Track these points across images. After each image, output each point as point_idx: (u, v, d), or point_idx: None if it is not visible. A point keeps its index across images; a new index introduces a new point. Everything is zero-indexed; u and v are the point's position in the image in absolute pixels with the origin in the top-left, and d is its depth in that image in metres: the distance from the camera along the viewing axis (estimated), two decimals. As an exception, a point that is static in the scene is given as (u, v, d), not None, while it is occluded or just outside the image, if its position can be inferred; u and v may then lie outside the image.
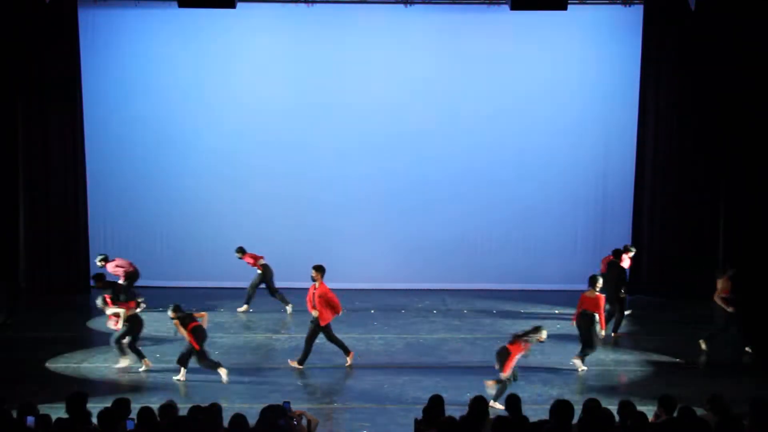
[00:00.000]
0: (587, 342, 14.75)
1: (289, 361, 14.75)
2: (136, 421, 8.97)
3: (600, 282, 14.97)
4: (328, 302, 14.72)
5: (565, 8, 18.03)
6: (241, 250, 18.60)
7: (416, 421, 9.64)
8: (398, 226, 20.41)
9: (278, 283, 19.16)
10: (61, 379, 13.96)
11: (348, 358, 14.88)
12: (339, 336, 15.18)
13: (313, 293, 14.73)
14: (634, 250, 18.05)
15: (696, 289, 18.76)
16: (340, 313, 15.03)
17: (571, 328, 17.19)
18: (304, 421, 9.67)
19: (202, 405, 9.38)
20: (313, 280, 14.85)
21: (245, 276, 19.70)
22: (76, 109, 19.68)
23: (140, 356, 14.56)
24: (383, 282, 20.23)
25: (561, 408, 8.74)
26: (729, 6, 18.32)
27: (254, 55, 20.31)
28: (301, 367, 14.58)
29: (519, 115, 20.30)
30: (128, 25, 20.06)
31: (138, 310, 15.79)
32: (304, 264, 20.14)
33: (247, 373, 14.37)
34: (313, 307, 14.68)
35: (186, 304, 15.58)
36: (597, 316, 14.90)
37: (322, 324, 14.70)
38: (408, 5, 19.81)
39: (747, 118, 18.48)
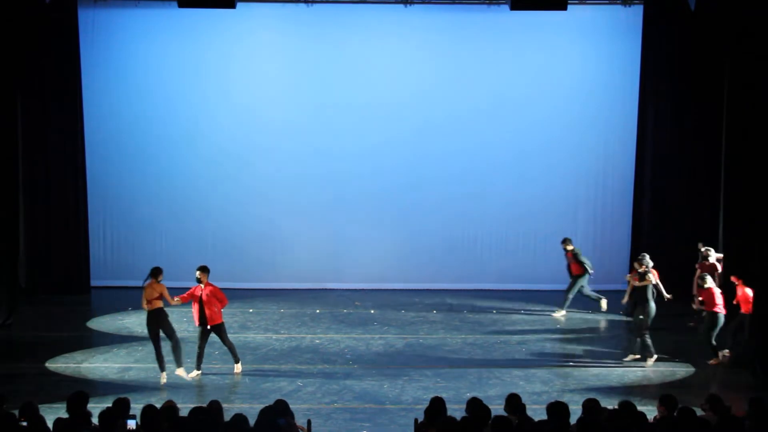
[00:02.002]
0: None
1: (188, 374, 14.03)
2: (138, 421, 8.96)
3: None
4: (219, 300, 14.14)
5: (565, 8, 18.06)
6: None
7: (416, 422, 9.63)
8: (398, 226, 20.42)
9: (276, 285, 19.24)
10: (61, 379, 13.95)
11: (237, 366, 14.41)
12: (337, 336, 15.13)
13: (200, 294, 14.06)
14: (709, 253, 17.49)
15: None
16: (226, 303, 14.39)
17: (572, 327, 17.23)
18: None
19: (203, 405, 9.38)
20: (199, 281, 14.09)
21: (245, 276, 19.76)
22: (76, 109, 19.68)
23: None
24: (383, 282, 20.23)
25: (557, 408, 8.76)
26: (729, 6, 18.31)
27: (254, 55, 20.32)
28: (199, 372, 14.19)
29: (519, 115, 20.32)
30: (128, 25, 20.07)
31: None
32: (304, 264, 20.34)
33: (247, 373, 14.37)
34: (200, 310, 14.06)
35: (186, 304, 15.57)
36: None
37: (218, 322, 14.18)
38: (408, 5, 19.82)
39: (747, 119, 18.45)
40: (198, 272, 14.22)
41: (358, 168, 20.36)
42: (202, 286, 14.16)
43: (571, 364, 15.01)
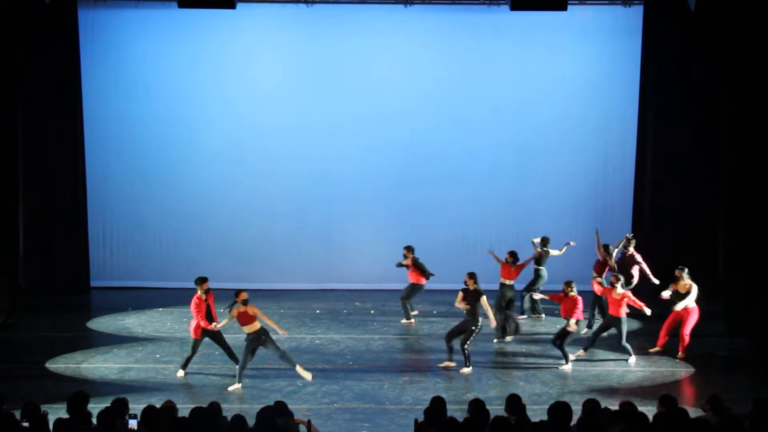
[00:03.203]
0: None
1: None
2: (139, 419, 8.96)
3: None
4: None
5: (565, 8, 18.07)
6: None
7: (416, 422, 9.62)
8: (398, 226, 20.40)
9: (276, 285, 19.25)
10: (61, 379, 13.94)
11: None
12: (337, 336, 15.20)
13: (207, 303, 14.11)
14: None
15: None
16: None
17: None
18: (303, 430, 9.65)
19: (203, 405, 9.38)
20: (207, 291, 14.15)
21: (245, 276, 19.74)
22: (76, 109, 19.68)
23: None
24: (383, 282, 20.22)
25: (559, 409, 8.75)
26: (729, 6, 18.33)
27: (254, 56, 20.32)
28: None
29: (519, 116, 20.33)
30: (128, 25, 20.07)
31: None
32: (304, 264, 20.33)
33: (247, 373, 14.35)
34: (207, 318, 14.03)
35: (186, 305, 15.58)
36: None
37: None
38: (408, 5, 19.83)
39: (747, 118, 18.48)
40: (206, 284, 14.13)
41: (357, 168, 20.37)
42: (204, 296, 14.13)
43: (571, 364, 15.00)
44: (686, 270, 15.44)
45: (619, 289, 15.16)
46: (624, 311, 15.11)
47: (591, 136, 20.34)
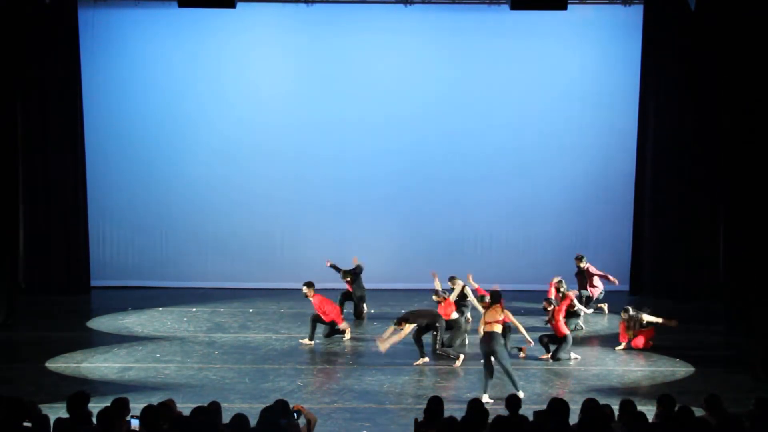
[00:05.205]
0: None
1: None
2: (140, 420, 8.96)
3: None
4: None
5: (565, 8, 18.07)
6: None
7: (416, 421, 9.62)
8: (399, 227, 20.43)
9: (279, 284, 19.23)
10: (61, 379, 13.94)
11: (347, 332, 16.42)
12: (336, 336, 15.21)
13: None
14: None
15: (696, 289, 18.86)
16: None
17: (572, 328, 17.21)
18: (303, 420, 9.64)
19: (203, 405, 9.37)
20: (306, 296, 16.41)
21: (245, 276, 19.76)
22: (76, 109, 19.69)
23: None
24: (383, 282, 20.22)
25: (557, 405, 8.75)
26: (729, 6, 18.31)
27: (254, 55, 20.34)
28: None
29: (519, 115, 20.34)
30: (128, 25, 20.09)
31: None
32: (304, 264, 20.31)
33: (247, 373, 14.36)
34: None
35: (186, 304, 15.67)
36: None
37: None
38: (408, 5, 19.84)
39: (747, 118, 18.45)
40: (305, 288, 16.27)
41: (357, 169, 20.39)
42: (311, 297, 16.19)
43: (571, 364, 15.00)
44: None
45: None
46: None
47: (591, 135, 20.33)
